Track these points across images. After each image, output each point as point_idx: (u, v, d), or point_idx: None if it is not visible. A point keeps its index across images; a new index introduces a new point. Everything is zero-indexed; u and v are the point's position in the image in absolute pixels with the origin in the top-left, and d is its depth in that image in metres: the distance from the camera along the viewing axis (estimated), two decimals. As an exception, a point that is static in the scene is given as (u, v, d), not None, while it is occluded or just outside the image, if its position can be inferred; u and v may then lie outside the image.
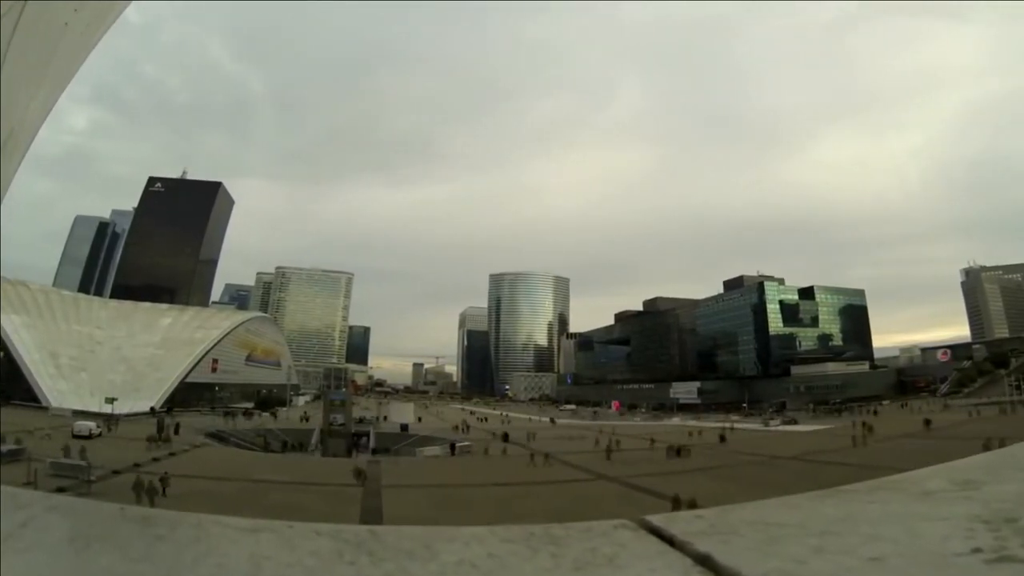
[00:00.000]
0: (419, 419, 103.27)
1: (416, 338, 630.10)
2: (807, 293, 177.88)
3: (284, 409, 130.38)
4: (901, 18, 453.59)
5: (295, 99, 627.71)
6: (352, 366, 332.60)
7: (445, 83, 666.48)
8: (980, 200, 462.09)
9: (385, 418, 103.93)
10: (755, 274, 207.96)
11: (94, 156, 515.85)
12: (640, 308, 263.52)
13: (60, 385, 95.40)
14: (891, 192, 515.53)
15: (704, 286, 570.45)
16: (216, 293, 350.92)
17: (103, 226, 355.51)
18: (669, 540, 1.83)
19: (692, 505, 31.24)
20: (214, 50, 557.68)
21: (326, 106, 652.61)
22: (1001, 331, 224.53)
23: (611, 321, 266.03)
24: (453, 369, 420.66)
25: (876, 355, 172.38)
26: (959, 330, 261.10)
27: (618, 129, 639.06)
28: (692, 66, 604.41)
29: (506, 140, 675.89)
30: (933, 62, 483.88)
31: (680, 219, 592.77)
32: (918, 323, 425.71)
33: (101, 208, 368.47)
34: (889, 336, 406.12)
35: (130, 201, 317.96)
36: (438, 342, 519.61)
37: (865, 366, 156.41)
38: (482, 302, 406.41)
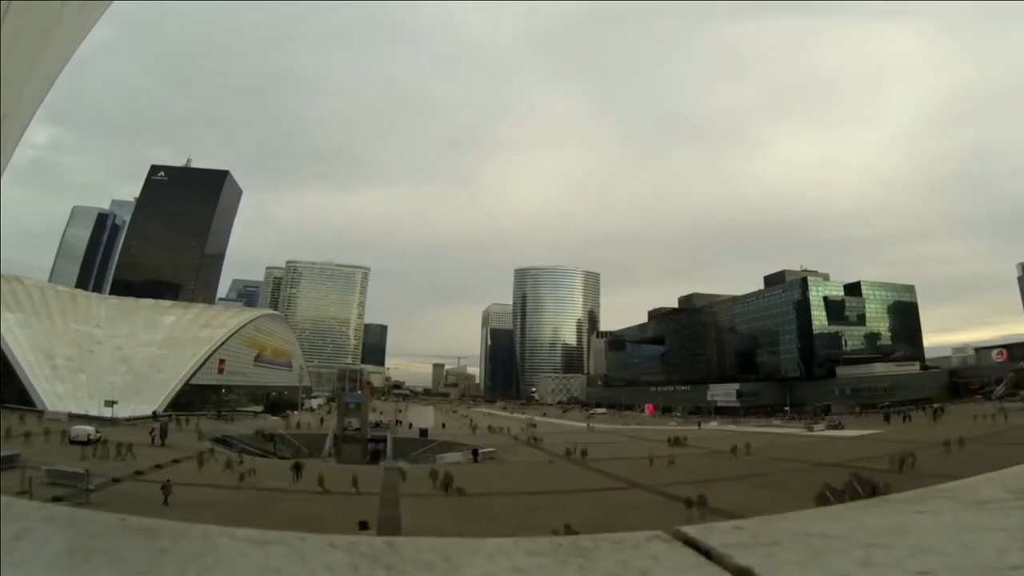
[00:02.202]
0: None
1: (436, 337, 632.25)
2: (853, 289, 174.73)
3: (296, 413, 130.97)
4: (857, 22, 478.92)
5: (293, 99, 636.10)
6: (368, 367, 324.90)
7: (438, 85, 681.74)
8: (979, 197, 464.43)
9: (410, 425, 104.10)
10: (798, 268, 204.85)
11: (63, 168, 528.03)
12: (675, 305, 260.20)
13: (57, 387, 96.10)
14: (897, 192, 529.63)
15: (733, 284, 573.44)
16: (223, 289, 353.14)
17: (102, 217, 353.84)
18: (706, 553, 1.80)
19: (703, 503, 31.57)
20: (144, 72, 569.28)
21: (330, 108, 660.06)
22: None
23: (644, 319, 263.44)
24: (476, 370, 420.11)
25: (927, 355, 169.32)
26: (992, 331, 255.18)
27: (615, 128, 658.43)
28: (648, 66, 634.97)
29: (514, 139, 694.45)
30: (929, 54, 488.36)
31: (688, 217, 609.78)
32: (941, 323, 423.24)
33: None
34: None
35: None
36: (460, 341, 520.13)
37: (916, 367, 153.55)
38: (507, 298, 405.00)
